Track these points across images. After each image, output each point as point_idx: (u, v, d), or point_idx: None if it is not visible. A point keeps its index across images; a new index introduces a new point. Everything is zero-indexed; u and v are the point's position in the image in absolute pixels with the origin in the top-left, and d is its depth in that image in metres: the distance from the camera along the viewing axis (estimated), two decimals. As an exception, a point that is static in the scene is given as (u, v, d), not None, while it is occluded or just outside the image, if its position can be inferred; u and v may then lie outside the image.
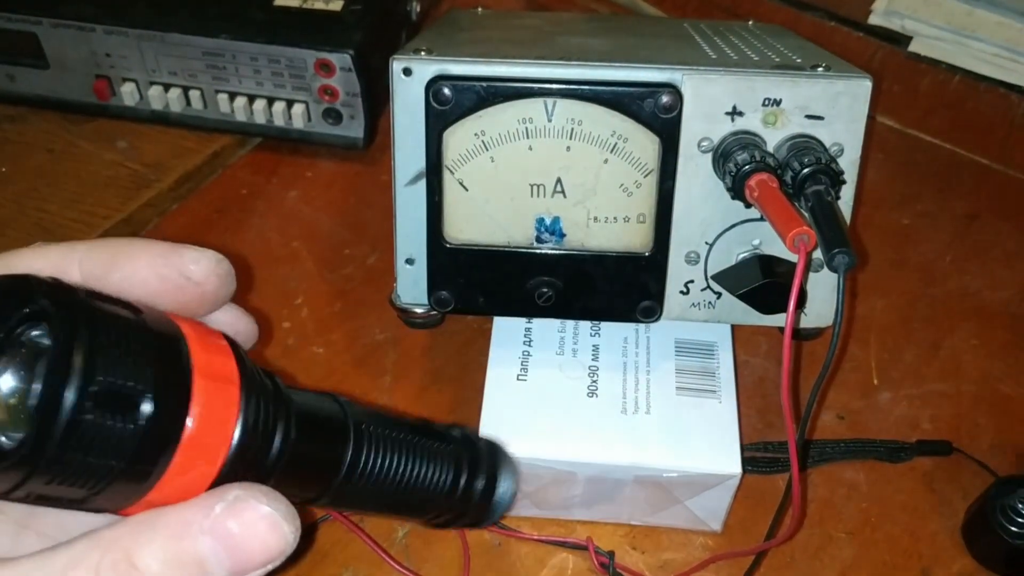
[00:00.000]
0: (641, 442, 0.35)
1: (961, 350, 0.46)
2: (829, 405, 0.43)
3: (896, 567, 0.38)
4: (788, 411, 0.29)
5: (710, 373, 0.38)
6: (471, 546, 0.38)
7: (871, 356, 0.46)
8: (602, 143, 0.34)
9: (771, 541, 0.35)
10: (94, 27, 0.52)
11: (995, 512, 0.36)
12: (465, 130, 0.34)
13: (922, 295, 0.49)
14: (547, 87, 0.33)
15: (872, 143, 0.58)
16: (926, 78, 0.63)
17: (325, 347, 0.45)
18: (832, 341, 0.29)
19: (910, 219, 0.53)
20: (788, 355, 0.28)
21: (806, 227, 0.29)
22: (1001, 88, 0.62)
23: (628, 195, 0.35)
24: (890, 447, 0.41)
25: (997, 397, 0.44)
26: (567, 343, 0.39)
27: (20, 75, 0.55)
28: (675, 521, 0.38)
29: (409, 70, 0.34)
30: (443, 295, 0.37)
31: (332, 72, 0.51)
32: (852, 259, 0.29)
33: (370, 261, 0.49)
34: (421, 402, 0.43)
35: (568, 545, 0.37)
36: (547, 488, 0.37)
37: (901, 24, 0.64)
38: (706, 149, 0.34)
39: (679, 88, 0.33)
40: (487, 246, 0.36)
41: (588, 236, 0.36)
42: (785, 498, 0.33)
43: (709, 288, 0.37)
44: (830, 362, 0.29)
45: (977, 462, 0.41)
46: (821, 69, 0.34)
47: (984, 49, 0.62)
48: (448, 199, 0.35)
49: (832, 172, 0.32)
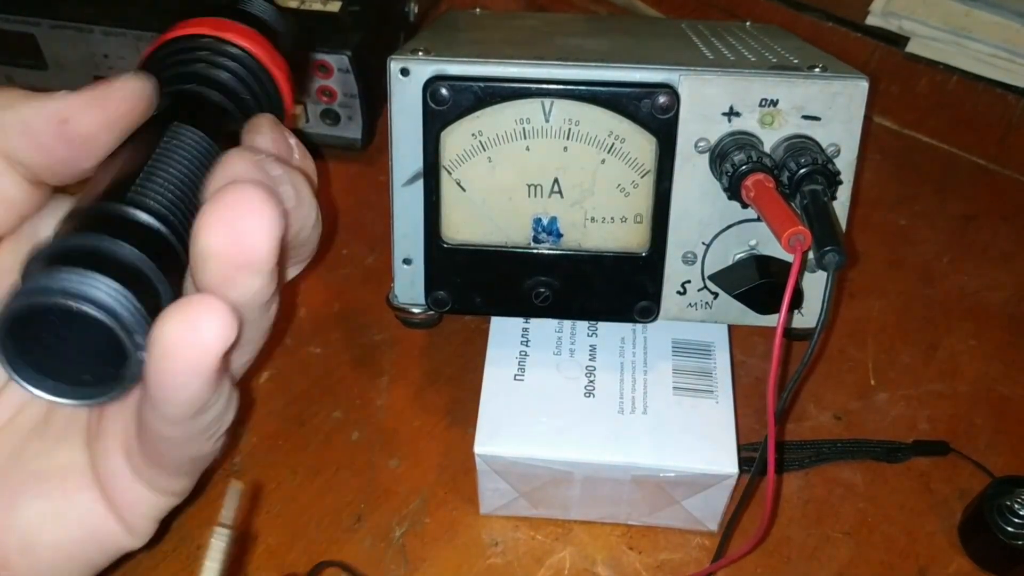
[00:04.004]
0: (638, 442, 0.35)
1: (958, 351, 0.46)
2: (826, 405, 0.43)
3: (893, 567, 0.38)
4: (772, 410, 0.29)
5: (707, 373, 0.38)
6: (467, 547, 0.38)
7: (868, 356, 0.46)
8: (599, 143, 0.34)
9: (725, 558, 0.35)
10: (92, 28, 0.52)
11: (992, 512, 0.36)
12: (463, 130, 0.34)
13: (919, 295, 0.49)
14: (544, 87, 0.33)
15: (869, 144, 0.58)
16: (924, 79, 0.63)
17: (323, 347, 0.45)
18: (813, 337, 0.29)
19: (907, 220, 0.53)
20: (778, 353, 0.28)
21: (802, 227, 0.29)
22: (999, 89, 0.62)
23: (625, 195, 0.35)
24: (887, 447, 0.41)
25: (994, 397, 0.44)
26: (564, 343, 0.39)
27: (19, 76, 0.55)
28: (672, 521, 0.38)
29: (407, 70, 0.34)
30: (440, 295, 0.37)
31: (330, 73, 0.51)
32: (842, 258, 0.29)
33: (368, 261, 0.49)
34: (419, 402, 0.43)
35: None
36: (544, 488, 0.37)
37: (899, 25, 0.65)
38: (703, 149, 0.34)
39: (676, 89, 0.33)
40: (484, 246, 0.36)
41: (585, 236, 0.36)
42: (745, 496, 0.33)
43: (706, 288, 0.37)
44: (808, 359, 0.29)
45: (974, 462, 0.41)
46: (818, 70, 0.34)
47: (982, 50, 0.62)
48: (445, 199, 0.35)
49: (829, 172, 0.32)
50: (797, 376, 0.30)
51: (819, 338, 0.29)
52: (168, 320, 0.22)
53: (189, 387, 0.23)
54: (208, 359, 0.22)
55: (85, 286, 0.21)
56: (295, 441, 0.41)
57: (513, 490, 0.37)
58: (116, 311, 0.22)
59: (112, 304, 0.22)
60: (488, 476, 0.36)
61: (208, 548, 0.28)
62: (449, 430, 0.42)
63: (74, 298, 0.21)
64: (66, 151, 0.25)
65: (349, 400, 0.43)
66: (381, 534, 0.38)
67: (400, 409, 0.43)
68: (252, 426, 0.42)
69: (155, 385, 0.23)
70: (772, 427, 0.29)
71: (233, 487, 0.29)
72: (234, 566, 0.34)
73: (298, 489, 0.40)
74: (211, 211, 0.23)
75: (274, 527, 0.38)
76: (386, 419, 0.42)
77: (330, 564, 0.36)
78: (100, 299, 0.21)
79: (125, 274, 0.22)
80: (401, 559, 0.37)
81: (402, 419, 0.42)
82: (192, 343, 0.22)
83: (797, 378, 0.30)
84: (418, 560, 0.37)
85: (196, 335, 0.22)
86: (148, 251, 0.23)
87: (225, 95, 0.29)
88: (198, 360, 0.22)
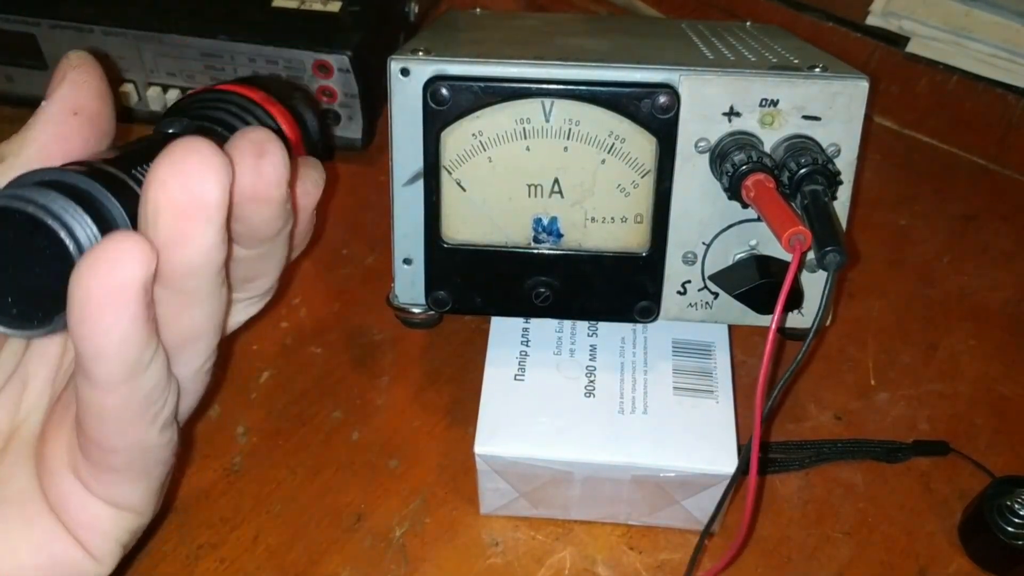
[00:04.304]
0: (638, 442, 0.35)
1: (958, 351, 0.46)
2: (827, 405, 0.43)
3: (893, 567, 0.38)
4: (759, 411, 0.29)
5: (707, 373, 0.38)
6: (467, 547, 0.38)
7: (868, 356, 0.46)
8: (599, 143, 0.34)
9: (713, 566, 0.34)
10: (92, 28, 0.52)
11: (992, 512, 0.36)
12: (463, 130, 0.34)
13: (919, 295, 0.49)
14: (545, 87, 0.33)
15: (869, 144, 0.58)
16: (924, 79, 0.63)
17: (323, 347, 0.45)
18: (808, 337, 0.29)
19: (907, 220, 0.53)
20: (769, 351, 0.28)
21: (802, 227, 0.29)
22: (999, 89, 0.62)
23: (625, 195, 0.35)
24: (887, 447, 0.41)
25: (994, 398, 0.44)
26: (564, 343, 0.39)
27: (19, 76, 0.55)
28: (672, 521, 0.38)
29: (407, 70, 0.34)
30: (441, 295, 0.37)
31: (330, 73, 0.51)
32: (843, 258, 0.29)
33: (368, 261, 0.49)
34: (419, 402, 0.43)
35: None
36: (544, 488, 0.37)
37: (899, 25, 0.65)
38: (703, 149, 0.34)
39: (676, 89, 0.33)
40: (485, 246, 0.36)
41: (585, 236, 0.36)
42: (723, 499, 0.33)
43: (706, 288, 0.37)
44: (802, 357, 0.29)
45: (974, 462, 0.41)
46: (818, 70, 0.34)
47: (982, 50, 0.62)
48: (446, 199, 0.35)
49: (829, 172, 0.32)
50: (788, 375, 0.29)
51: (815, 337, 0.29)
52: (85, 259, 0.22)
53: (115, 329, 0.23)
54: (129, 292, 0.22)
55: (55, 205, 0.23)
56: (295, 441, 0.41)
57: (513, 490, 0.37)
58: (75, 232, 0.23)
59: (72, 224, 0.23)
60: (488, 476, 0.36)
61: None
62: (449, 430, 0.42)
63: (43, 211, 0.22)
64: (85, 136, 0.27)
65: (349, 400, 0.43)
66: (381, 534, 0.38)
67: (400, 409, 0.43)
68: (252, 426, 0.42)
69: (81, 334, 0.23)
70: (758, 425, 0.29)
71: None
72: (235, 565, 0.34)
73: (298, 489, 0.40)
74: (159, 164, 0.23)
75: (274, 527, 0.38)
76: (386, 419, 0.42)
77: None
78: (64, 219, 0.23)
79: (93, 208, 0.23)
80: (401, 559, 0.37)
81: (402, 419, 0.42)
82: (111, 276, 0.22)
83: (788, 377, 0.29)
84: (418, 560, 0.37)
85: (112, 269, 0.22)
86: (115, 193, 0.24)
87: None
88: (119, 293, 0.22)
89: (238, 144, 0.26)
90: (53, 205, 0.23)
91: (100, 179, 0.24)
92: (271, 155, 0.26)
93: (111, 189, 0.24)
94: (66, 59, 0.27)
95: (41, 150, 0.26)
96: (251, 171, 0.25)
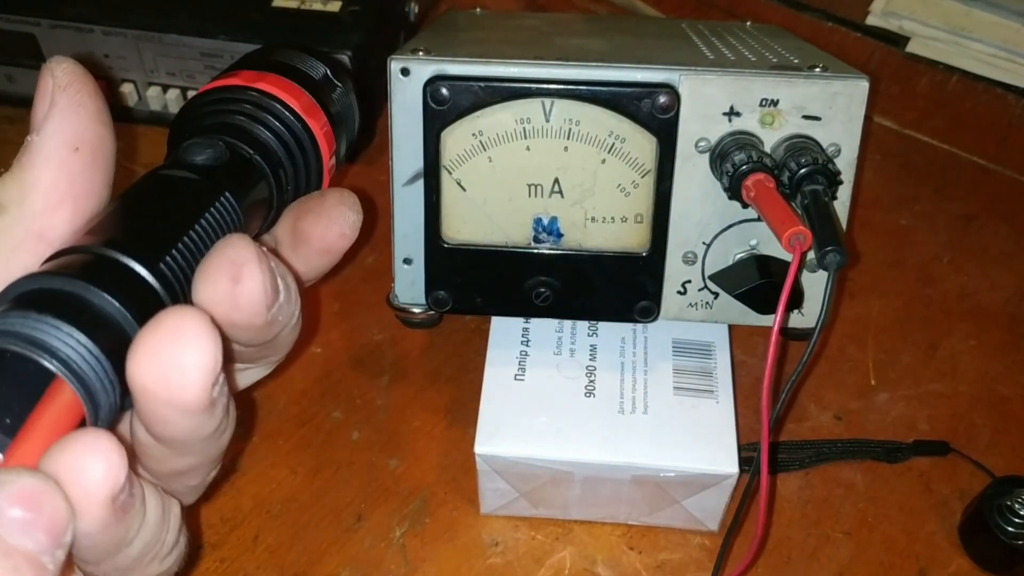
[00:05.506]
0: (638, 442, 0.35)
1: (959, 351, 0.46)
2: (827, 405, 0.43)
3: (893, 567, 0.38)
4: (766, 410, 0.29)
5: (707, 373, 0.38)
6: (468, 547, 0.38)
7: (868, 357, 0.46)
8: (600, 143, 0.34)
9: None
10: (92, 28, 0.52)
11: (992, 512, 0.36)
12: (463, 130, 0.34)
13: (920, 296, 0.49)
14: (545, 87, 0.33)
15: (869, 144, 0.58)
16: (924, 79, 0.63)
17: (323, 347, 0.45)
18: (813, 337, 0.29)
19: (907, 220, 0.53)
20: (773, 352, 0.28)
21: (802, 227, 0.29)
22: (999, 88, 0.62)
23: (626, 195, 0.35)
24: (887, 447, 0.41)
25: (994, 398, 0.44)
26: (565, 343, 0.39)
27: (19, 76, 0.55)
28: (672, 521, 0.38)
29: (407, 70, 0.34)
30: (441, 295, 0.37)
31: (330, 73, 0.51)
32: (843, 258, 0.29)
33: (368, 261, 0.49)
34: (419, 402, 0.43)
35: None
36: (544, 488, 0.37)
37: (899, 24, 0.65)
38: (703, 149, 0.34)
39: (676, 88, 0.33)
40: (485, 246, 0.36)
41: (586, 236, 0.36)
42: (744, 498, 0.33)
43: (706, 288, 0.37)
44: (807, 359, 0.29)
45: (974, 462, 0.41)
46: (818, 70, 0.34)
47: (982, 50, 0.62)
48: (446, 199, 0.35)
49: (829, 172, 0.32)
50: (794, 378, 0.29)
51: (818, 338, 0.29)
52: (51, 451, 0.19)
53: (86, 529, 0.20)
54: (93, 511, 0.19)
55: (58, 341, 0.19)
56: (295, 441, 0.41)
57: (513, 490, 0.37)
58: (84, 373, 0.20)
59: (80, 363, 0.20)
60: (488, 476, 0.36)
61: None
62: (449, 430, 0.42)
63: (46, 354, 0.19)
64: (91, 176, 0.24)
65: (349, 400, 0.43)
66: (381, 534, 0.38)
67: (400, 409, 0.43)
68: (252, 426, 0.42)
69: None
70: (766, 429, 0.29)
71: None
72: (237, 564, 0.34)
73: (298, 489, 0.40)
74: (143, 339, 0.20)
75: (274, 527, 0.38)
76: (386, 419, 0.42)
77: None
78: (69, 357, 0.20)
79: (102, 332, 0.20)
80: (401, 559, 0.37)
81: (402, 419, 0.42)
82: (75, 482, 0.19)
83: (794, 379, 0.30)
84: (418, 560, 0.37)
85: (79, 475, 0.19)
86: (137, 307, 0.21)
87: (274, 175, 0.28)
88: (83, 499, 0.19)
89: (214, 262, 0.22)
90: (50, 344, 0.19)
91: (114, 287, 0.21)
92: (248, 280, 0.22)
93: (125, 300, 0.21)
94: (50, 74, 0.24)
95: (46, 197, 0.23)
96: (226, 299, 0.22)
